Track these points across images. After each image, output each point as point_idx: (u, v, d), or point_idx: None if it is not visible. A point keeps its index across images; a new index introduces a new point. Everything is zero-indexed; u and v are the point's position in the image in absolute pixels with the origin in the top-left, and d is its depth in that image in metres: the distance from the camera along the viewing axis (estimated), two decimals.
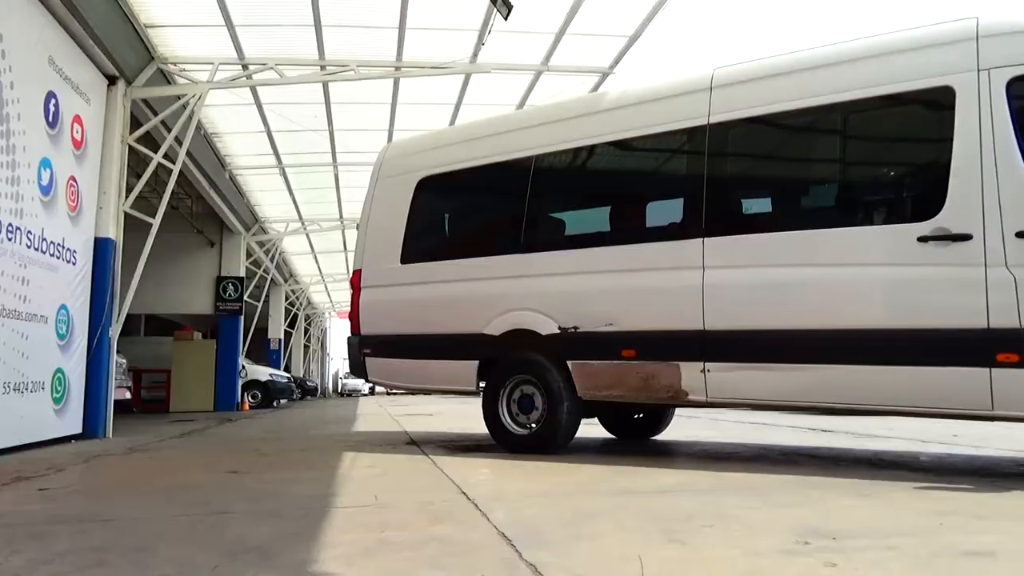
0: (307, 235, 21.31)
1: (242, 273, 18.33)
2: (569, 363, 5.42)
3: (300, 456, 5.93)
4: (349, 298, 7.01)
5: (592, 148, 5.87)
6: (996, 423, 5.03)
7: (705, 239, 4.92)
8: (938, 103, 4.33)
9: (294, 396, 23.88)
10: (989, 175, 4.05)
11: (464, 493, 3.76)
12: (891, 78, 4.52)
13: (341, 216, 19.07)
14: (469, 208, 6.91)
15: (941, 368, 4.10)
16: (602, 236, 5.72)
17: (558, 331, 5.44)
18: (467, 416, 11.09)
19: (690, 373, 4.89)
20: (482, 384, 5.93)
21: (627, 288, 5.20)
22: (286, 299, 29.29)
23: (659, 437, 6.90)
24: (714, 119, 5.08)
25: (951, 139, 4.20)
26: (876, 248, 4.40)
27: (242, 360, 18.43)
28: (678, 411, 7.14)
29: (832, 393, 4.48)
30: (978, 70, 4.17)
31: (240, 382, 17.81)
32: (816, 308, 4.50)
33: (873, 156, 5.02)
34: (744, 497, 3.59)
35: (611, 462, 5.17)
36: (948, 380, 4.09)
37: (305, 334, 37.56)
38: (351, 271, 7.12)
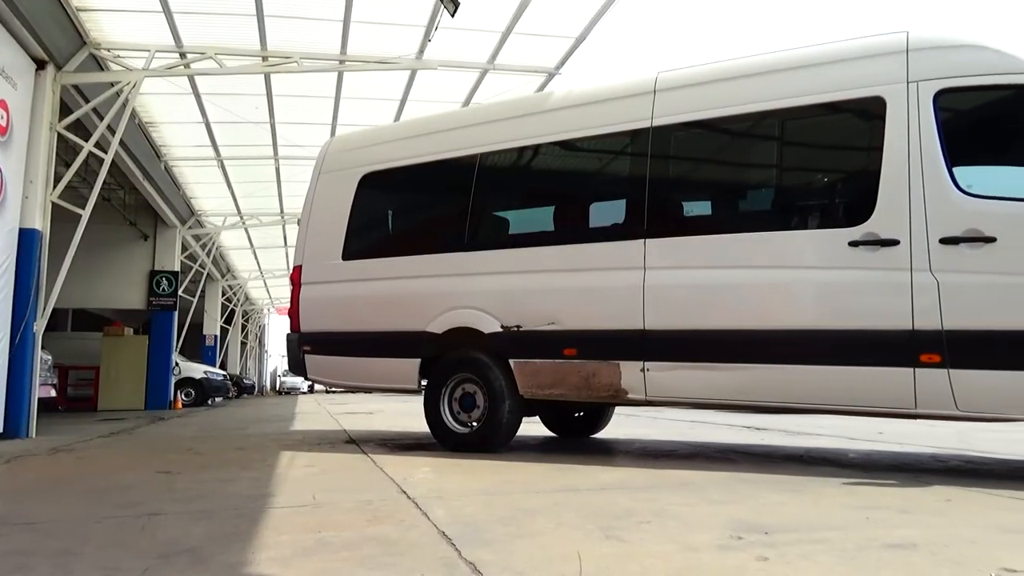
0: (246, 230, 20.85)
1: (177, 267, 17.80)
2: (511, 362, 5.44)
3: (236, 456, 5.79)
4: (289, 294, 6.88)
5: (537, 148, 5.90)
6: (919, 421, 5.25)
7: (647, 240, 5.00)
8: (870, 113, 4.49)
9: (230, 394, 23.35)
10: (916, 183, 4.22)
11: (404, 492, 3.73)
12: (826, 87, 4.67)
13: (282, 211, 18.72)
14: (413, 205, 6.86)
15: (869, 368, 4.26)
16: (546, 235, 5.75)
17: (501, 330, 5.45)
18: (408, 414, 11.02)
19: (630, 372, 4.96)
20: (424, 382, 5.90)
21: (570, 288, 5.24)
22: (223, 295, 28.59)
23: (599, 435, 6.98)
24: (657, 122, 5.16)
25: (881, 148, 4.36)
26: (810, 251, 4.54)
27: (175, 357, 17.91)
28: (617, 409, 7.24)
29: (766, 392, 4.60)
30: (907, 82, 4.34)
31: (173, 380, 17.30)
32: (752, 309, 4.62)
33: (808, 162, 5.17)
34: (680, 494, 3.66)
35: (551, 460, 5.21)
36: (875, 380, 4.24)
37: (243, 331, 36.73)
38: (291, 267, 6.99)
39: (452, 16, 8.08)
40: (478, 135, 6.04)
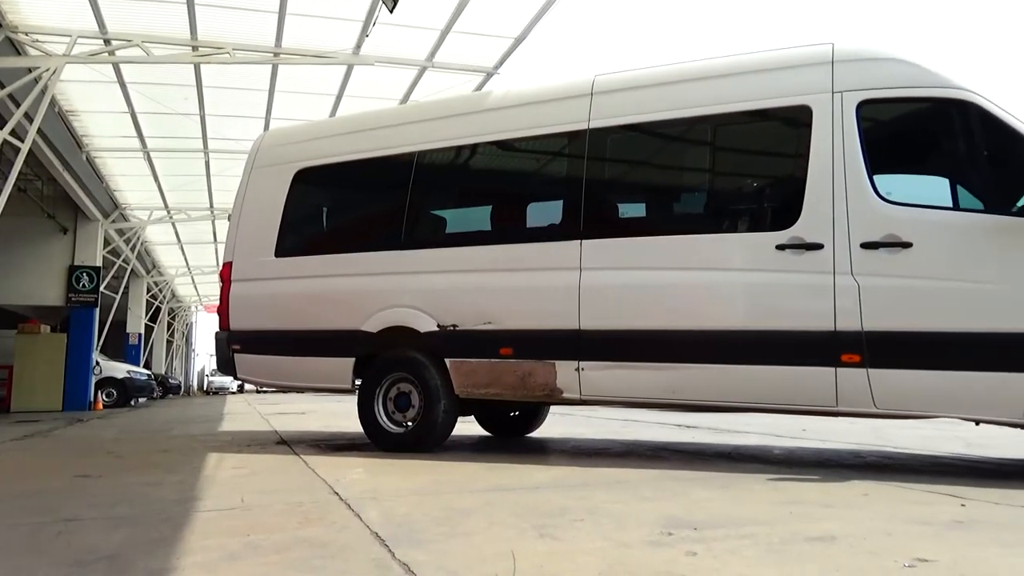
0: (173, 224, 20.21)
1: (98, 263, 17.10)
2: (447, 361, 5.42)
3: (160, 458, 5.60)
4: (218, 292, 6.70)
5: (475, 147, 5.90)
6: (839, 418, 5.46)
7: (583, 241, 5.05)
8: (797, 121, 4.65)
9: (154, 395, 22.57)
10: (839, 190, 4.39)
11: (336, 493, 3.68)
12: (756, 95, 4.81)
13: (212, 206, 18.20)
14: (349, 202, 6.77)
15: (794, 368, 4.41)
16: (483, 235, 5.75)
17: (437, 329, 5.42)
18: (341, 414, 10.86)
19: (565, 372, 5.00)
20: (358, 382, 5.82)
21: (506, 287, 5.25)
22: (148, 291, 27.62)
23: (534, 434, 7.02)
24: (594, 124, 5.23)
25: (807, 155, 4.52)
26: (739, 254, 4.67)
27: (96, 356, 17.20)
28: (552, 409, 7.30)
29: (697, 391, 4.71)
30: (832, 92, 4.51)
31: (93, 379, 16.61)
32: (684, 310, 4.72)
33: (739, 167, 5.32)
34: (613, 492, 3.71)
35: (486, 459, 5.21)
36: (800, 379, 4.40)
37: (168, 329, 35.56)
38: (221, 263, 6.79)
39: (391, 12, 8.01)
40: (416, 133, 5.99)
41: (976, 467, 4.85)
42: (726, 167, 5.34)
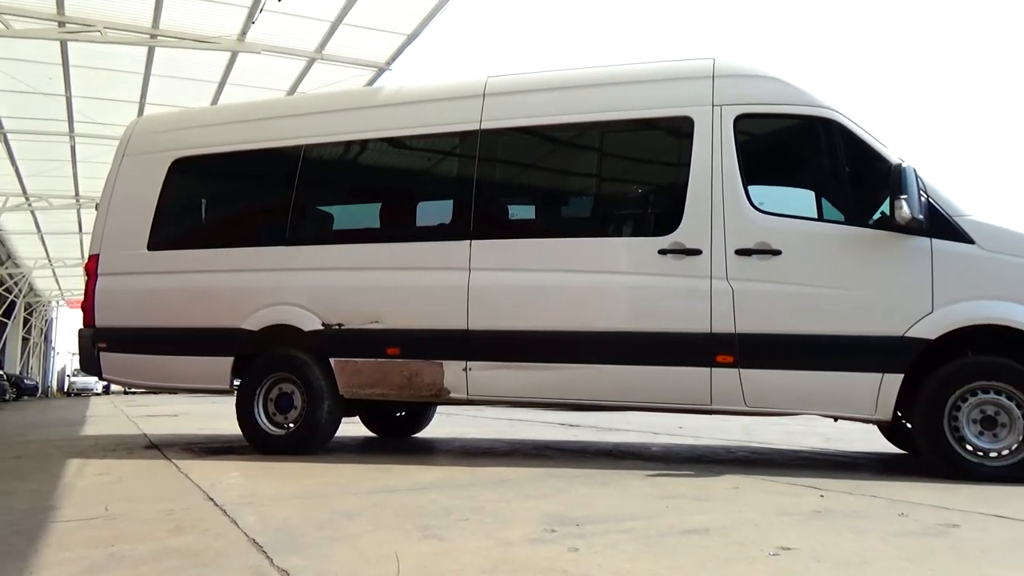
0: (32, 212, 18.73)
1: None
2: (332, 361, 5.30)
3: (12, 465, 5.17)
4: (83, 286, 6.26)
5: (365, 143, 5.80)
6: (713, 416, 5.74)
7: (473, 241, 5.07)
8: (679, 131, 4.86)
9: (7, 396, 20.85)
10: (717, 198, 4.61)
11: (211, 499, 3.52)
12: (642, 104, 5.00)
13: (77, 194, 17.01)
14: (231, 195, 6.49)
15: (672, 368, 4.60)
16: (372, 232, 5.67)
17: (322, 327, 5.29)
18: (217, 416, 10.38)
19: (453, 372, 5.00)
20: (236, 382, 5.59)
21: (395, 286, 5.20)
22: (1, 284, 25.45)
23: (420, 435, 6.98)
24: (485, 125, 5.25)
25: (689, 164, 4.73)
26: (623, 258, 4.83)
27: None
28: (439, 409, 7.28)
29: (582, 391, 4.83)
30: (712, 105, 4.74)
31: None
32: (570, 311, 4.83)
33: (624, 173, 5.50)
34: (498, 491, 3.74)
35: (371, 461, 5.13)
36: (678, 378, 4.60)
37: (25, 325, 32.95)
38: (87, 256, 6.35)
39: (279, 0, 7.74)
40: (305, 126, 5.82)
41: (833, 460, 5.22)
42: (613, 173, 5.51)
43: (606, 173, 5.49)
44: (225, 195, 6.50)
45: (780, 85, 4.70)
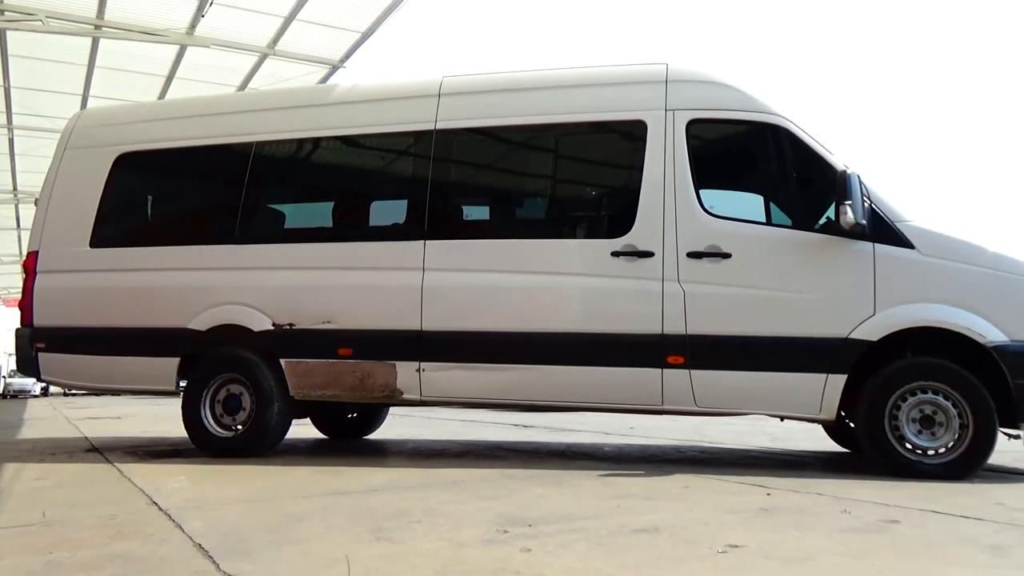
0: None
1: None
2: (282, 361, 5.21)
3: None
4: (21, 284, 6.03)
5: (318, 140, 5.72)
6: (664, 416, 5.82)
7: (427, 241, 5.04)
8: (633, 134, 4.91)
9: None
10: (669, 202, 4.68)
11: (155, 503, 3.43)
12: (597, 107, 5.05)
13: (15, 188, 16.41)
14: (178, 191, 6.32)
15: (625, 369, 4.65)
16: (324, 231, 5.59)
17: (272, 327, 5.20)
18: (163, 418, 10.12)
19: (406, 373, 4.97)
20: (183, 383, 5.46)
21: (347, 286, 5.14)
22: None
23: (372, 436, 6.91)
24: (440, 125, 5.23)
25: (642, 168, 4.79)
26: (577, 259, 4.86)
27: None
28: (392, 410, 7.22)
29: (535, 391, 4.84)
30: (665, 110, 4.81)
31: None
32: (524, 312, 4.84)
33: (579, 176, 5.54)
34: (451, 492, 3.73)
35: (321, 463, 5.07)
36: (630, 379, 4.65)
37: None
38: (26, 253, 6.12)
39: None
40: (256, 122, 5.72)
41: (780, 459, 5.34)
42: (567, 175, 5.55)
43: (560, 175, 5.53)
44: (172, 192, 6.34)
45: (732, 91, 4.78)
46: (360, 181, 5.90)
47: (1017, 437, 4.38)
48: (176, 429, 5.82)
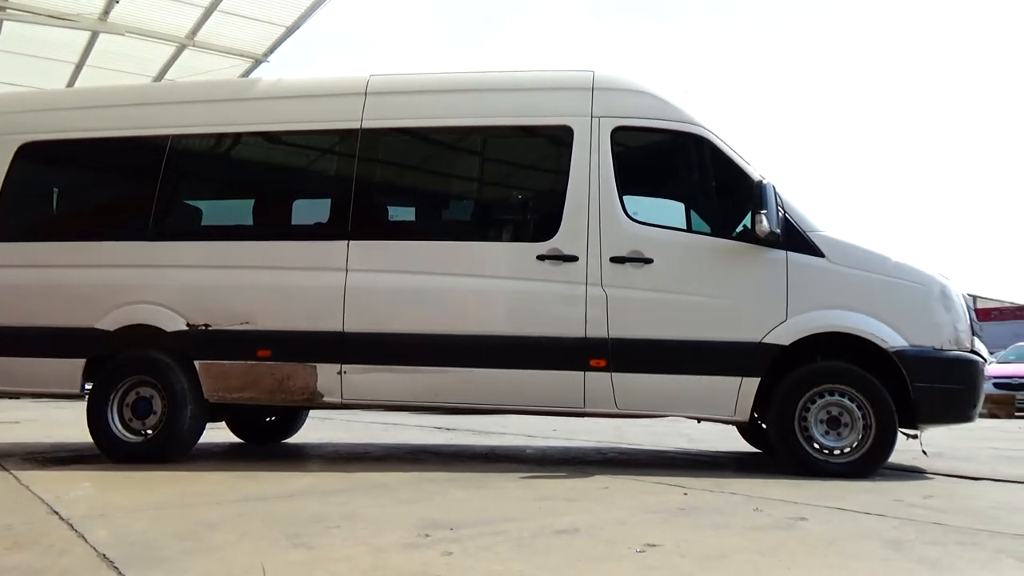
0: None
1: None
2: (196, 363, 5.03)
3: None
4: None
5: (239, 136, 5.56)
6: (586, 419, 5.90)
7: (351, 242, 4.96)
8: (560, 139, 4.96)
9: None
10: (594, 207, 4.75)
11: (56, 512, 3.25)
12: (524, 111, 5.09)
13: None
14: (87, 184, 6.02)
15: (548, 372, 4.69)
16: (243, 230, 5.44)
17: (186, 328, 5.02)
18: (66, 423, 9.61)
19: (327, 375, 4.87)
20: (88, 386, 5.19)
21: (267, 286, 5.01)
22: None
23: (291, 440, 6.75)
24: (367, 124, 5.16)
25: (568, 172, 4.84)
26: (503, 262, 4.88)
27: None
28: (312, 413, 7.07)
29: (459, 394, 4.83)
30: (591, 116, 4.88)
31: None
32: (448, 315, 4.82)
33: (505, 179, 5.57)
34: (371, 496, 3.68)
35: (237, 468, 4.92)
36: (553, 382, 4.69)
37: None
38: None
39: None
40: (173, 115, 5.50)
41: (697, 460, 5.49)
42: (493, 178, 5.57)
43: (487, 178, 5.55)
44: (81, 185, 6.03)
45: (656, 100, 4.89)
46: (282, 179, 5.76)
47: (915, 437, 4.64)
48: (80, 434, 5.54)
